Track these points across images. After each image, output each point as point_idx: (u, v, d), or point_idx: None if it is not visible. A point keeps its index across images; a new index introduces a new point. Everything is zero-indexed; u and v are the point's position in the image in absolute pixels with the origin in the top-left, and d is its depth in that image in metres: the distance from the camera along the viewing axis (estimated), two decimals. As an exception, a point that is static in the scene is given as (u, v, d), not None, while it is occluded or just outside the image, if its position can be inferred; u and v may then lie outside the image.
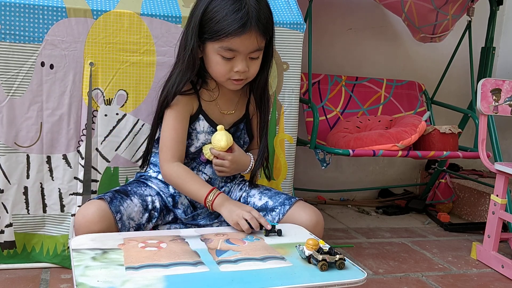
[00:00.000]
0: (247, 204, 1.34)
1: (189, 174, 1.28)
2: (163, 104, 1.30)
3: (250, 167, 1.35)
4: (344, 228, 2.15)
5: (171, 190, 1.32)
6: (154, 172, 1.36)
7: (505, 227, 1.93)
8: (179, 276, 0.91)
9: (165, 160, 1.29)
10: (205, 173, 1.36)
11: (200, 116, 1.34)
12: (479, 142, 1.84)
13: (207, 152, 1.32)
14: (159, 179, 1.34)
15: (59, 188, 1.48)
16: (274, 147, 1.64)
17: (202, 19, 1.24)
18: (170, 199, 1.31)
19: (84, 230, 1.14)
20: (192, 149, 1.34)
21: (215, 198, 1.22)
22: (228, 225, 1.33)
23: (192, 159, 1.36)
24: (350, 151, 1.84)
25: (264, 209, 1.30)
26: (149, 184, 1.33)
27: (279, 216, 1.27)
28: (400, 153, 1.88)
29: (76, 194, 1.48)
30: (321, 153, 1.90)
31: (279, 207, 1.28)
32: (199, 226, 1.31)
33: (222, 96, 1.37)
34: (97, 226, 1.15)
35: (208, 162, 1.35)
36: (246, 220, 1.15)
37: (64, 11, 1.40)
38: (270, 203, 1.31)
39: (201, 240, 1.10)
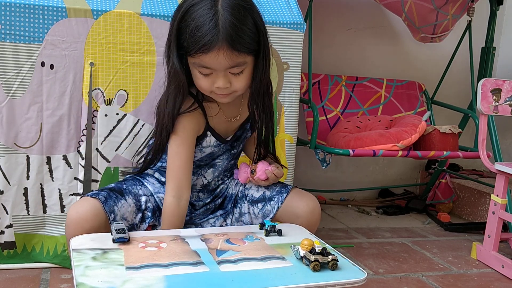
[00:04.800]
0: (245, 196, 1.35)
1: (170, 216, 1.22)
2: (165, 128, 1.23)
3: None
4: (344, 228, 2.15)
5: None
6: (151, 170, 1.36)
7: (505, 227, 1.93)
8: (179, 276, 0.91)
9: (167, 189, 1.24)
10: (205, 177, 1.36)
11: (208, 132, 1.29)
12: (479, 142, 1.84)
13: None
14: (155, 177, 1.34)
15: (59, 189, 1.48)
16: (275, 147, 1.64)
17: (179, 30, 1.17)
18: None
19: (75, 226, 1.14)
20: (196, 159, 1.31)
21: None
22: (224, 219, 1.33)
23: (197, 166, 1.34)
24: (350, 151, 1.84)
25: (262, 200, 1.31)
26: (145, 183, 1.32)
27: (278, 204, 1.28)
28: (400, 153, 1.88)
29: (76, 194, 1.48)
30: (321, 153, 1.90)
31: (277, 196, 1.29)
32: (195, 224, 1.32)
33: (226, 104, 1.29)
34: (89, 223, 1.15)
35: (209, 166, 1.34)
36: None
37: (64, 11, 1.40)
38: (268, 193, 1.32)
39: (201, 240, 1.10)
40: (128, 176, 1.38)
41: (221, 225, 1.34)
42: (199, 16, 1.11)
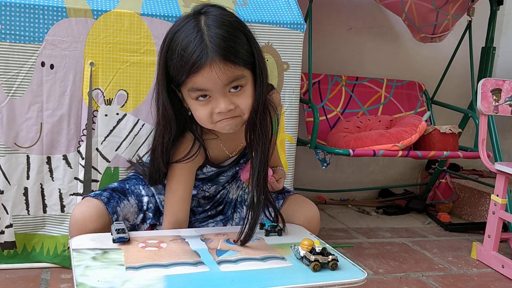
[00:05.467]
0: (245, 201, 1.34)
1: None
2: (159, 169, 1.18)
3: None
4: (344, 228, 2.15)
5: None
6: None
7: (505, 227, 1.93)
8: (179, 276, 0.91)
9: (164, 222, 1.22)
10: (205, 191, 1.35)
11: (207, 165, 1.24)
12: (479, 142, 1.84)
13: None
14: None
15: (59, 189, 1.48)
16: (274, 147, 1.64)
17: (166, 62, 1.07)
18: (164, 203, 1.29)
19: (79, 226, 1.14)
20: (199, 177, 1.27)
21: None
22: (224, 224, 1.33)
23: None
24: (350, 151, 1.84)
25: None
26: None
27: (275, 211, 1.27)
28: (400, 153, 1.88)
29: (77, 194, 1.48)
30: (321, 153, 1.90)
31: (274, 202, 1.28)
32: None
33: (226, 137, 1.21)
34: (93, 224, 1.14)
35: (213, 182, 1.33)
36: None
37: (64, 11, 1.40)
38: None
39: (201, 240, 1.10)
40: (131, 174, 1.37)
41: None
42: (182, 38, 1.03)
